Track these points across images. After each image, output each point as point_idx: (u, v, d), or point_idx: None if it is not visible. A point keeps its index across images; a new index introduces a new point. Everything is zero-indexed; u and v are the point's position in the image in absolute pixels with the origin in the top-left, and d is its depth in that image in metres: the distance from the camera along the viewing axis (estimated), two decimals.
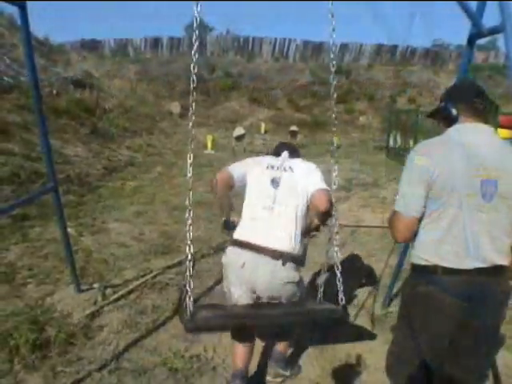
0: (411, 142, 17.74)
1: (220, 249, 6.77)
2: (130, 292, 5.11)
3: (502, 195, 2.28)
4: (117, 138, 16.29)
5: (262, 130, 28.03)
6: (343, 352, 4.15)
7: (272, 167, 3.32)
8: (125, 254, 6.37)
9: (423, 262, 2.41)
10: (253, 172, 3.35)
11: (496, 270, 2.33)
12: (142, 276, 5.56)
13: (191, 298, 2.45)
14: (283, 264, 2.99)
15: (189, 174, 2.41)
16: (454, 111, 2.46)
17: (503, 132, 6.77)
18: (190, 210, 2.60)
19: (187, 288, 2.47)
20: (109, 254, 6.30)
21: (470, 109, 2.43)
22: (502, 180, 2.27)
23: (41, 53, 18.77)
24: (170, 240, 7.02)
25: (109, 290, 5.09)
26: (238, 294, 3.11)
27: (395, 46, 38.84)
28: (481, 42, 4.24)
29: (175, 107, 28.10)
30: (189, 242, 2.56)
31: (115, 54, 37.18)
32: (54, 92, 15.52)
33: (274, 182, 3.21)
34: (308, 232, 3.29)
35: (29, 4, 3.87)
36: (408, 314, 2.55)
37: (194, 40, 2.40)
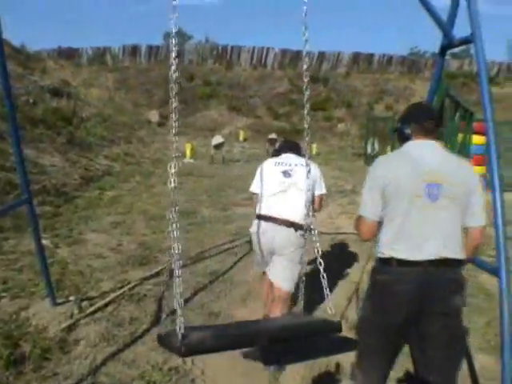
0: (389, 149, 17.92)
1: (199, 259, 6.73)
2: (106, 304, 5.01)
3: (449, 196, 2.65)
4: (94, 147, 16.14)
5: (241, 138, 28.11)
6: (323, 360, 4.12)
7: (280, 164, 4.21)
8: (102, 265, 6.28)
9: (383, 256, 2.75)
10: (264, 175, 4.22)
11: (445, 262, 2.63)
12: (120, 288, 5.47)
13: (182, 319, 2.28)
14: (295, 230, 3.85)
15: (172, 185, 2.31)
16: (408, 131, 2.90)
17: (477, 138, 6.85)
18: (174, 225, 2.40)
19: (178, 308, 2.32)
20: (85, 265, 6.20)
21: (422, 129, 2.86)
22: (447, 184, 2.65)
23: (17, 61, 18.56)
24: (148, 250, 6.95)
25: (85, 303, 4.99)
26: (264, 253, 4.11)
27: (372, 54, 39.24)
28: (455, 49, 4.36)
29: (154, 116, 28.05)
30: (175, 257, 2.38)
31: (93, 62, 36.95)
32: (31, 101, 15.32)
33: (286, 174, 4.09)
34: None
35: (2, 12, 3.82)
36: (371, 298, 2.91)
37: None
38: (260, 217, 4.08)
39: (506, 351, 2.74)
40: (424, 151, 2.80)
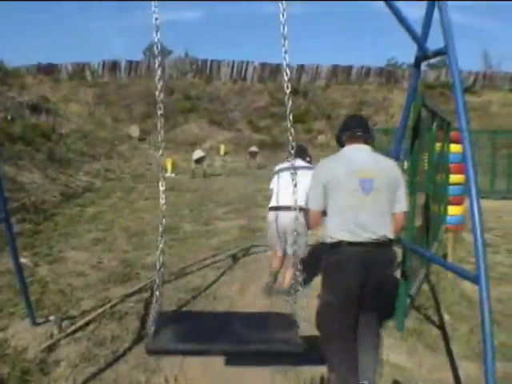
0: None
1: (181, 274, 6.67)
2: (87, 323, 4.92)
3: (378, 189, 3.32)
4: (74, 163, 16.03)
5: (222, 152, 28.09)
6: (307, 374, 4.09)
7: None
8: (82, 283, 6.20)
9: (333, 240, 3.35)
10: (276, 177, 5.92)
11: (382, 241, 3.30)
12: (101, 306, 5.38)
13: (154, 322, 2.92)
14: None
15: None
16: (343, 138, 3.70)
17: (455, 147, 6.90)
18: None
19: (152, 311, 3.04)
20: (66, 284, 6.12)
21: (353, 136, 3.62)
22: (377, 179, 3.33)
23: None
24: (129, 267, 6.87)
25: (66, 322, 4.90)
26: (275, 239, 5.77)
27: (350, 67, 39.53)
28: (432, 60, 4.47)
29: (134, 130, 27.91)
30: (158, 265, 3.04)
31: (72, 77, 36.73)
32: (9, 117, 15.19)
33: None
34: None
35: None
36: (326, 279, 3.49)
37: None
38: (271, 208, 5.77)
39: (489, 358, 2.74)
40: (357, 153, 3.52)
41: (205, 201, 13.83)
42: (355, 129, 3.64)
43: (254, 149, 25.60)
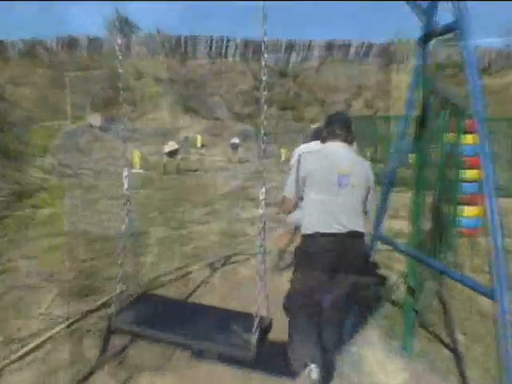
0: (368, 154, 18.15)
1: (152, 287, 6.65)
2: (41, 345, 4.90)
3: (354, 185, 4.00)
4: (25, 157, 15.90)
5: (199, 144, 28.07)
6: (288, 382, 4.15)
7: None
8: (36, 298, 6.15)
9: (308, 232, 4.04)
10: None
11: (352, 234, 3.98)
12: (57, 324, 5.36)
13: (119, 301, 3.73)
14: None
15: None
16: (325, 134, 4.36)
17: (469, 138, 6.91)
18: None
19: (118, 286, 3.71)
20: (16, 299, 6.08)
21: (333, 134, 4.27)
22: (352, 175, 4.01)
23: None
24: (90, 279, 6.82)
25: (16, 345, 4.88)
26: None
27: (349, 43, 39.38)
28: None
29: (95, 119, 27.67)
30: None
31: (23, 56, 36.44)
32: None
33: None
34: None
35: None
36: (300, 264, 4.18)
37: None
38: None
39: None
40: (336, 151, 4.16)
41: (178, 201, 13.81)
42: (337, 128, 4.28)
43: (235, 140, 25.60)
